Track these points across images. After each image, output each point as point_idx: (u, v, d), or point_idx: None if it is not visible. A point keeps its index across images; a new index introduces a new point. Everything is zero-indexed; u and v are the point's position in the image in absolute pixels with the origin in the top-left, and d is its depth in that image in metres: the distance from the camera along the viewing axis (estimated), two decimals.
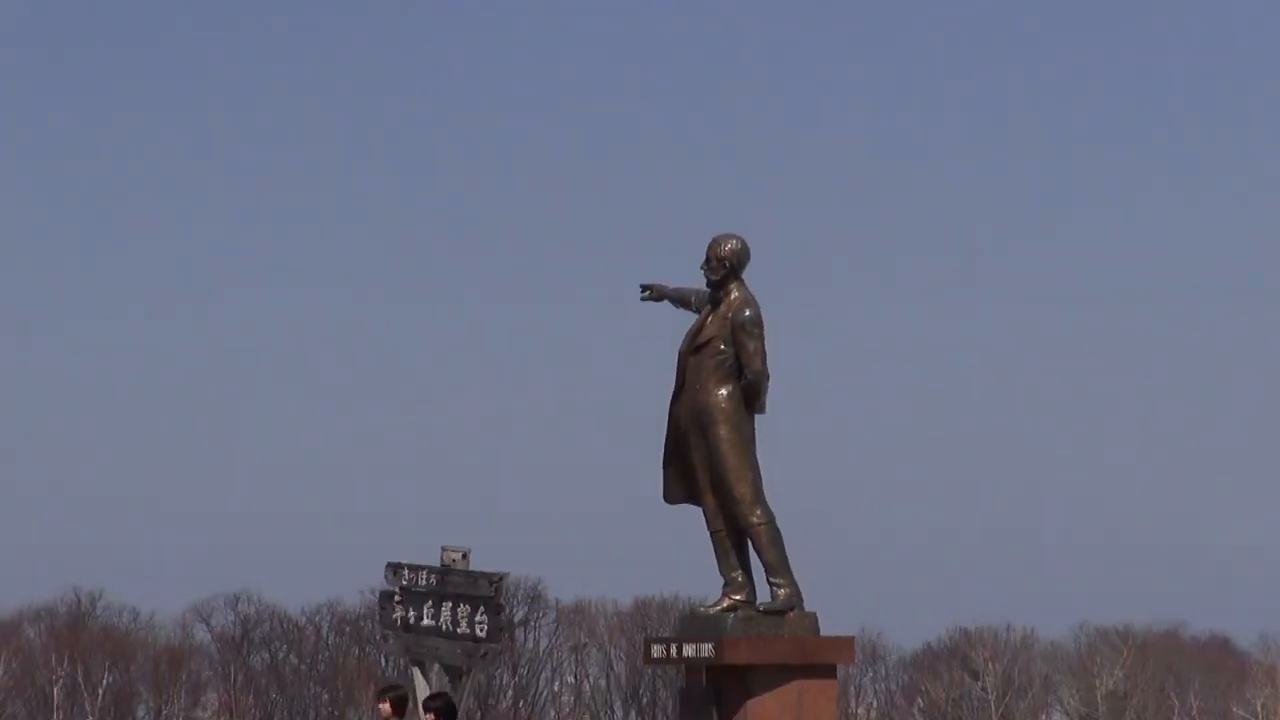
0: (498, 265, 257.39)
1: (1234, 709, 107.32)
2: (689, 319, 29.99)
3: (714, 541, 29.34)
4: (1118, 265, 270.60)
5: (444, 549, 35.64)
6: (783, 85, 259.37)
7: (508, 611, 35.42)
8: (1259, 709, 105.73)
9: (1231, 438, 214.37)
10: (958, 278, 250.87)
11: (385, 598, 36.29)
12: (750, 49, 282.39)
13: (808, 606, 29.36)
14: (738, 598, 28.99)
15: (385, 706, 30.70)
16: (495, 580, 34.78)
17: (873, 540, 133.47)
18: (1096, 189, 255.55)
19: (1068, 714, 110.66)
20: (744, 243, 29.62)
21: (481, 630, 34.43)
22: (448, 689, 33.59)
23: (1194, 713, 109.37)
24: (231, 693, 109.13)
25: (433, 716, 30.04)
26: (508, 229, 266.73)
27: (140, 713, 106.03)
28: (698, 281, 30.03)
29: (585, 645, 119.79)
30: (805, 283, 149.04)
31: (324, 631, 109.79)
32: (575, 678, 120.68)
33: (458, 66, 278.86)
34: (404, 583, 35.82)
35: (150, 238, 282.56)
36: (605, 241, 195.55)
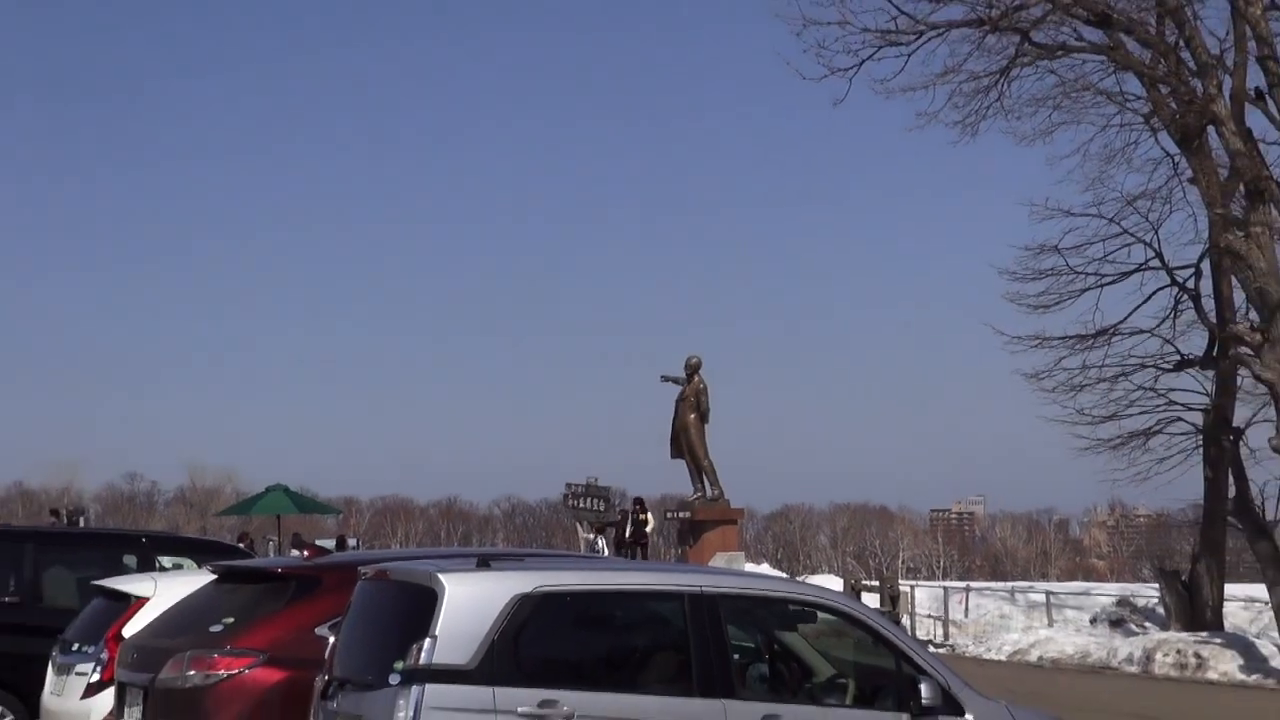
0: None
1: (888, 535, 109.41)
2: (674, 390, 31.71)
3: (690, 472, 31.68)
4: None
5: (587, 476, 36.05)
6: None
7: (614, 503, 37.08)
8: (900, 536, 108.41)
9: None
10: None
11: (565, 496, 36.55)
12: None
13: (726, 495, 31.56)
14: (699, 493, 31.53)
15: (590, 533, 32.96)
16: (606, 488, 35.95)
17: (757, 465, 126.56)
18: None
19: (825, 537, 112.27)
20: (700, 358, 31.85)
21: (602, 509, 35.00)
22: (593, 538, 33.21)
23: (875, 535, 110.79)
24: (510, 536, 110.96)
25: (613, 531, 32.27)
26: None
27: (472, 544, 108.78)
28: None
29: None
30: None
31: (543, 510, 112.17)
32: None
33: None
34: (572, 489, 35.77)
35: None
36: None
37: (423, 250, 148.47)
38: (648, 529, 31.80)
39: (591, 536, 33.43)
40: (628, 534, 31.85)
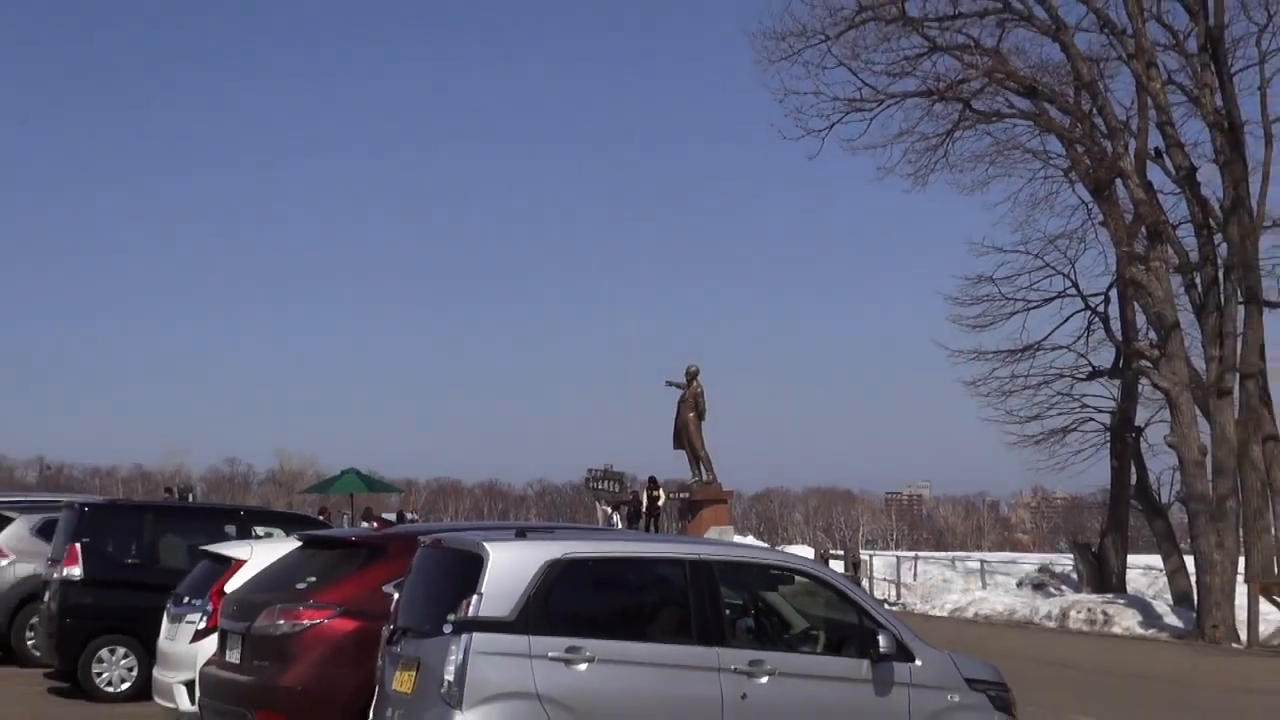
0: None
1: (851, 513, 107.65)
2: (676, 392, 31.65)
3: (689, 461, 31.50)
4: None
5: (605, 462, 35.55)
6: None
7: (627, 485, 36.85)
8: (860, 514, 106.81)
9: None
10: None
11: (586, 479, 36.25)
12: None
13: (718, 479, 31.63)
14: (696, 477, 31.44)
15: (607, 508, 32.64)
16: (620, 473, 35.44)
17: (744, 454, 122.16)
18: None
19: (800, 514, 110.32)
20: (698, 367, 31.59)
21: (617, 489, 34.51)
22: (609, 513, 32.84)
23: (840, 513, 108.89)
24: (541, 512, 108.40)
25: (626, 508, 31.77)
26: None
27: (510, 518, 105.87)
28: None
29: None
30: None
31: (569, 490, 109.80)
32: None
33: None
34: (592, 473, 35.45)
35: None
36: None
37: (467, 259, 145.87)
38: (659, 503, 31.58)
39: (608, 511, 33.30)
40: (644, 506, 31.70)
